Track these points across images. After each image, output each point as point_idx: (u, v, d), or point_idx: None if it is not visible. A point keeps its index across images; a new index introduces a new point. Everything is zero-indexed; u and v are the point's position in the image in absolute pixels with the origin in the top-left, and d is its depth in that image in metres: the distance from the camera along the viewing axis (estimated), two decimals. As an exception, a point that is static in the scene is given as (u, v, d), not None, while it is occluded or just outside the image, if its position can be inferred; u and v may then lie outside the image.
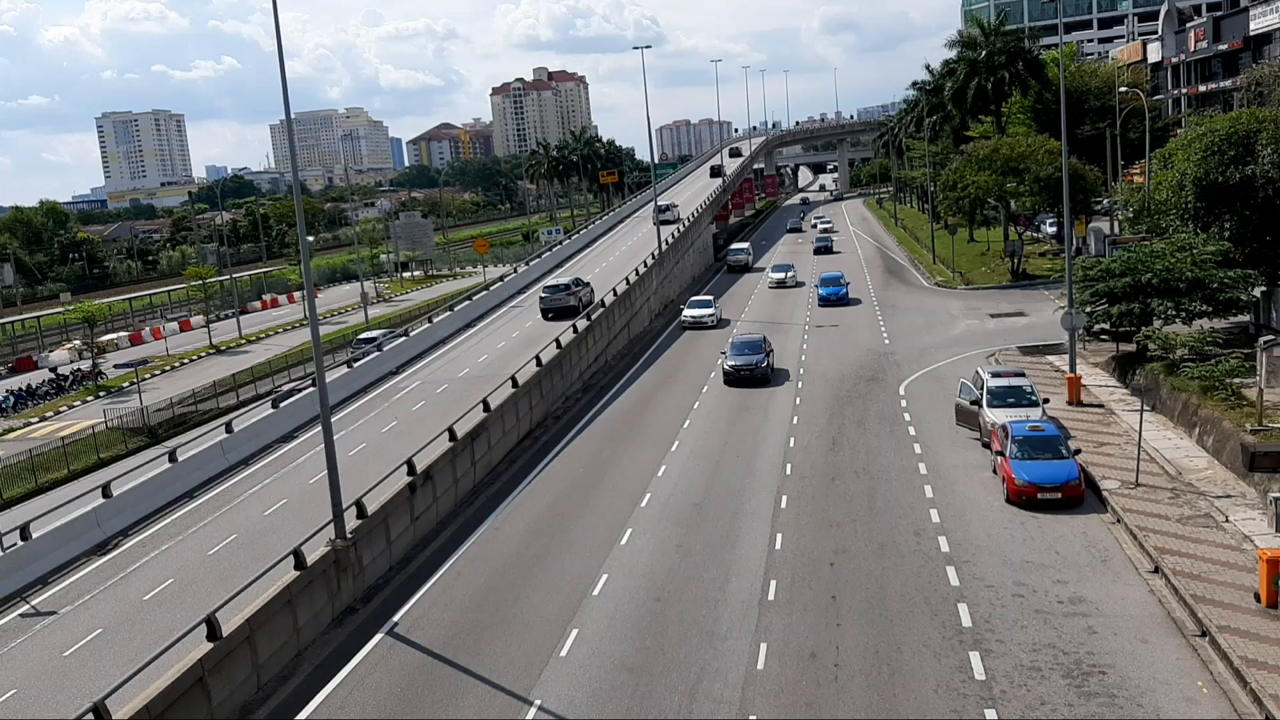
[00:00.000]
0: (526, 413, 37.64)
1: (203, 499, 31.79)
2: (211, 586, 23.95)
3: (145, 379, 56.62)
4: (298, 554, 22.07)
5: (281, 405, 39.49)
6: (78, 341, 69.52)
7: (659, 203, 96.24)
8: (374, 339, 52.21)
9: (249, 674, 19.61)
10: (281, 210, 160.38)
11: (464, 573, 25.08)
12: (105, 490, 29.91)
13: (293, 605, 21.25)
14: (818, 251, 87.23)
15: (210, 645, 18.59)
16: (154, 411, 46.76)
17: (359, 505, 25.00)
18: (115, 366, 61.36)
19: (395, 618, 22.74)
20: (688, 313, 56.97)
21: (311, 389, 38.99)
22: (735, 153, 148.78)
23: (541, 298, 55.68)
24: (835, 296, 60.59)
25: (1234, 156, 35.28)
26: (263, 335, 72.88)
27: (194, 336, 75.45)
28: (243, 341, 70.64)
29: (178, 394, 50.24)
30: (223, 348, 68.65)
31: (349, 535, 23.72)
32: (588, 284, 57.70)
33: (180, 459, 33.17)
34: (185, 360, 64.94)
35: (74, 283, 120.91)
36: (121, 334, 76.62)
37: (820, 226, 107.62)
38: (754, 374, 41.61)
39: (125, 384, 56.45)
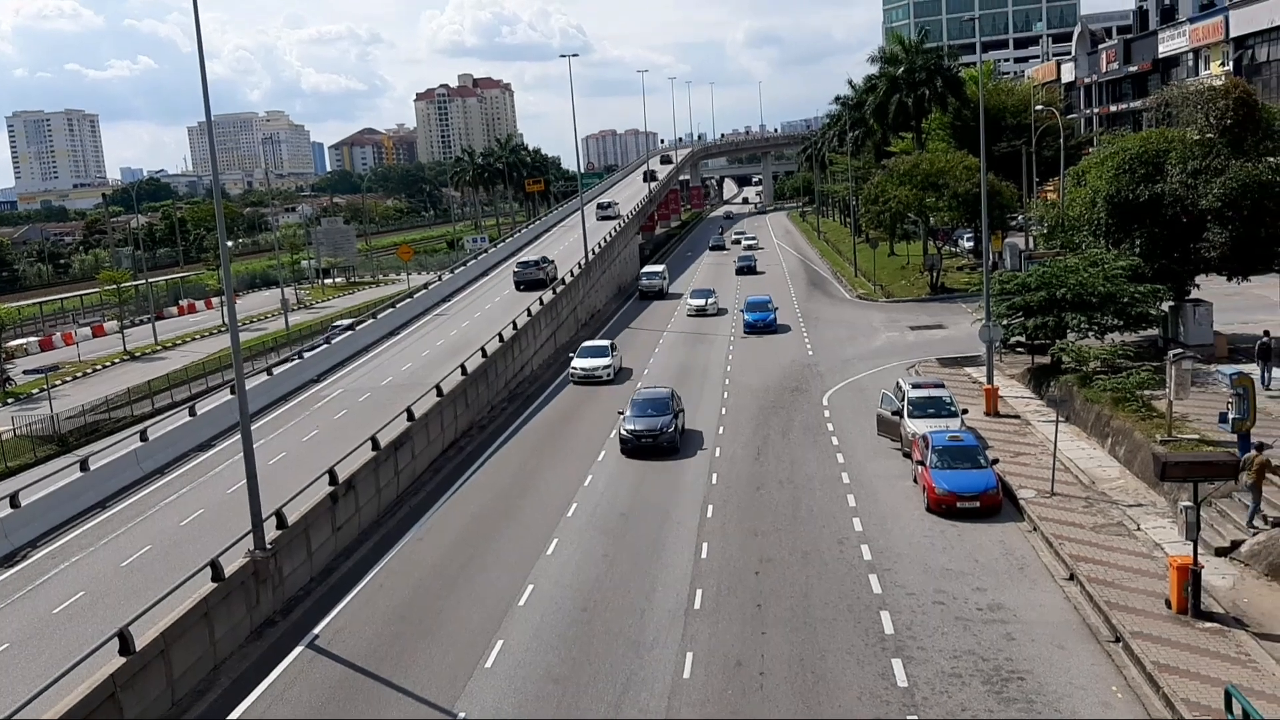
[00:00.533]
0: (451, 422, 37.29)
1: (116, 509, 30.93)
2: (125, 599, 23.28)
3: (56, 385, 54.96)
4: (215, 565, 21.57)
5: (199, 413, 38.61)
6: (-17, 346, 67.13)
7: (601, 200, 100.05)
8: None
9: (163, 689, 19.08)
10: (199, 214, 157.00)
11: (387, 584, 24.73)
12: (13, 500, 28.94)
13: (210, 618, 20.75)
14: (740, 271, 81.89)
15: (123, 660, 18.05)
16: (65, 419, 45.38)
17: (279, 515, 24.52)
18: (24, 373, 59.42)
19: (316, 630, 22.32)
20: (577, 363, 45.75)
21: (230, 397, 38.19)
22: (666, 159, 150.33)
23: (515, 271, 64.06)
24: (763, 324, 55.27)
25: (1144, 175, 36.36)
26: (179, 341, 71.20)
27: (108, 342, 73.39)
28: (158, 348, 68.91)
29: (90, 401, 48.79)
30: (138, 354, 66.90)
31: (269, 546, 23.26)
32: (552, 261, 65.38)
33: (92, 468, 32.24)
34: (98, 366, 63.14)
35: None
36: (31, 339, 74.29)
37: (744, 243, 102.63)
38: (657, 441, 33.35)
39: (35, 390, 54.69)
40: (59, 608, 23.81)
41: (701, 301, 63.79)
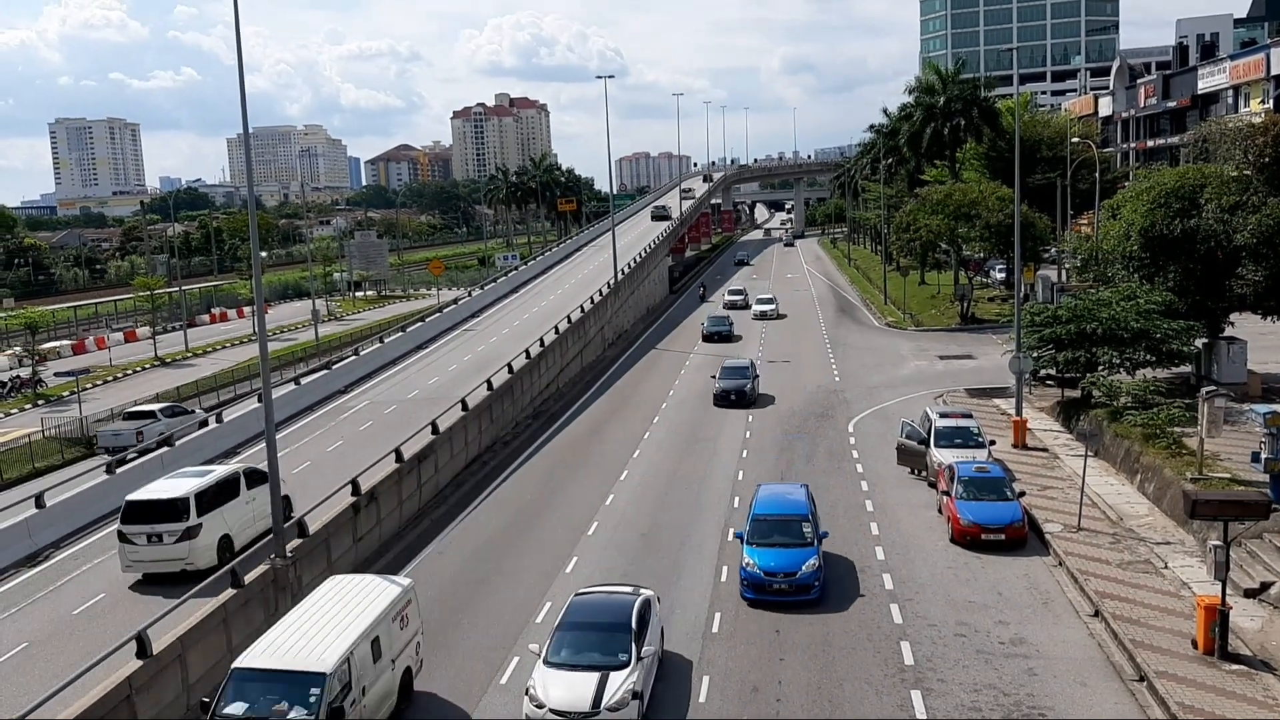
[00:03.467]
0: (476, 437, 37.33)
1: (139, 513, 31.03)
2: (145, 601, 23.37)
3: (86, 389, 55.46)
4: (235, 572, 21.62)
5: (226, 419, 38.86)
6: (18, 348, 67.93)
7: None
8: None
9: (179, 693, 19.08)
10: (235, 224, 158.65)
11: (405, 596, 24.66)
12: (39, 500, 29.14)
13: (228, 624, 20.76)
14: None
15: (139, 663, 18.08)
16: (93, 422, 45.74)
17: (300, 524, 24.58)
18: (56, 375, 60.03)
19: (333, 640, 22.25)
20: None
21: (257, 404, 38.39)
22: (706, 178, 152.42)
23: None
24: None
25: (1179, 209, 36.04)
26: (209, 349, 71.73)
27: (139, 348, 74.05)
28: (189, 355, 69.45)
29: (118, 405, 49.21)
30: (168, 360, 67.43)
31: (289, 554, 23.29)
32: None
33: (118, 471, 32.43)
34: (129, 371, 63.70)
35: (18, 289, 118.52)
36: (64, 342, 75.05)
37: (756, 307, 73.33)
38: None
39: (65, 393, 55.20)
40: (79, 609, 23.94)
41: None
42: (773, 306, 71.08)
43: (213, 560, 24.87)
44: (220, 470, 26.90)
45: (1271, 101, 71.29)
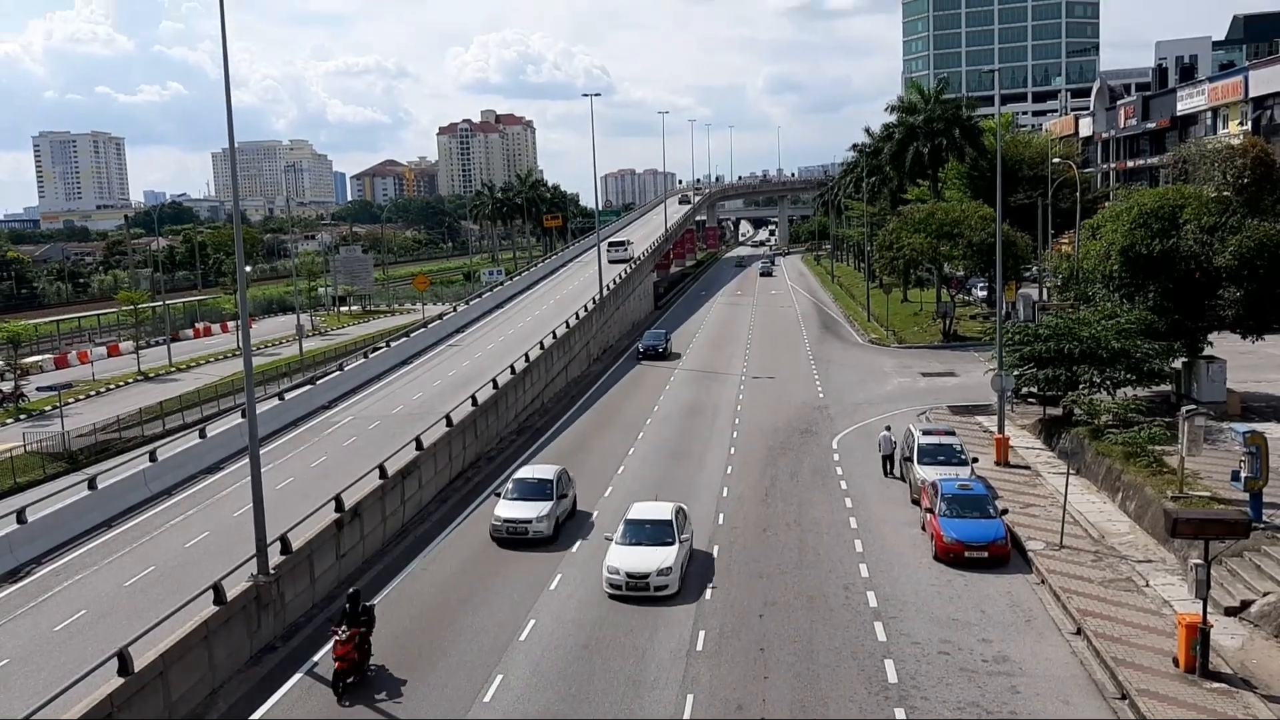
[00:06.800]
0: (460, 452, 37.29)
1: (122, 528, 30.95)
2: (126, 619, 23.22)
3: (69, 403, 55.13)
4: (217, 589, 21.53)
5: (209, 434, 38.71)
6: (0, 362, 67.51)
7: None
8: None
9: (160, 712, 18.97)
10: (220, 238, 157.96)
11: (387, 614, 24.57)
12: (20, 515, 28.99)
13: (209, 641, 20.66)
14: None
15: (121, 680, 17.98)
16: (76, 437, 45.47)
17: (283, 540, 24.49)
18: (38, 389, 59.61)
19: (315, 657, 22.18)
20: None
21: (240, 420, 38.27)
22: (685, 200, 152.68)
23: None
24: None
25: (1159, 229, 36.41)
26: (193, 364, 71.40)
27: (122, 362, 73.63)
28: (172, 369, 69.12)
29: (101, 420, 48.93)
30: (151, 375, 67.09)
31: (272, 571, 23.21)
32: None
33: (100, 487, 32.29)
34: (112, 386, 63.34)
35: (0, 302, 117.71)
36: (46, 356, 74.53)
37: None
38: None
39: (47, 408, 54.84)
40: (60, 625, 23.78)
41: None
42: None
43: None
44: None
45: (1250, 123, 72.14)
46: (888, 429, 36.09)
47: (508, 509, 29.61)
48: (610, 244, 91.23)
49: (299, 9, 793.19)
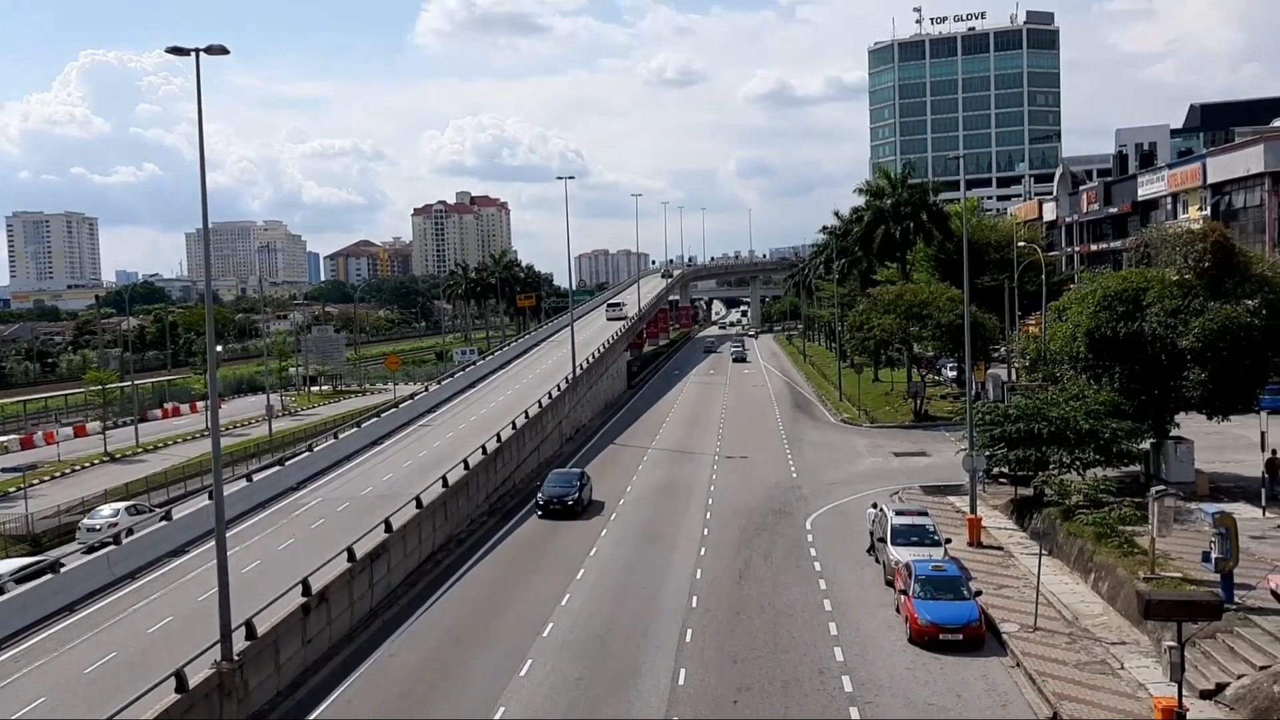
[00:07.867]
0: (430, 535, 36.88)
1: (84, 613, 30.25)
2: (86, 708, 22.65)
3: (33, 484, 54.22)
4: (179, 675, 21.06)
5: (175, 517, 38.14)
6: (-37, 443, 66.56)
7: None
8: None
9: (117, 805, 18.42)
10: (191, 318, 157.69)
11: (353, 702, 24.13)
12: (-23, 601, 28.30)
13: (171, 731, 20.14)
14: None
15: (78, 773, 17.47)
16: (39, 519, 44.70)
17: (249, 625, 24.04)
18: (2, 470, 58.71)
19: (280, 747, 21.67)
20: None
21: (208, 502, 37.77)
22: (666, 274, 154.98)
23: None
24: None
25: (1124, 312, 36.95)
26: (161, 445, 70.55)
27: (89, 443, 72.69)
28: (139, 450, 68.28)
29: (66, 501, 48.16)
30: (118, 455, 66.22)
31: (236, 657, 22.74)
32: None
33: (63, 570, 31.64)
34: (78, 467, 62.45)
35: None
36: (12, 437, 73.53)
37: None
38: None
39: (12, 489, 53.91)
40: (17, 714, 23.10)
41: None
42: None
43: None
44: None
45: (1209, 209, 73.91)
46: (874, 506, 35.99)
47: None
48: (609, 304, 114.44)
49: (276, 93, 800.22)
